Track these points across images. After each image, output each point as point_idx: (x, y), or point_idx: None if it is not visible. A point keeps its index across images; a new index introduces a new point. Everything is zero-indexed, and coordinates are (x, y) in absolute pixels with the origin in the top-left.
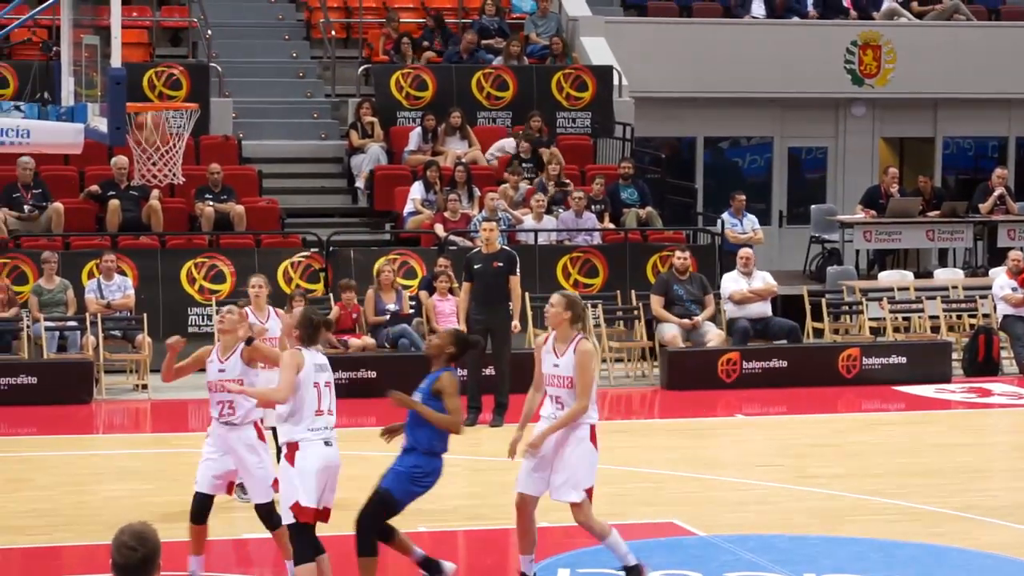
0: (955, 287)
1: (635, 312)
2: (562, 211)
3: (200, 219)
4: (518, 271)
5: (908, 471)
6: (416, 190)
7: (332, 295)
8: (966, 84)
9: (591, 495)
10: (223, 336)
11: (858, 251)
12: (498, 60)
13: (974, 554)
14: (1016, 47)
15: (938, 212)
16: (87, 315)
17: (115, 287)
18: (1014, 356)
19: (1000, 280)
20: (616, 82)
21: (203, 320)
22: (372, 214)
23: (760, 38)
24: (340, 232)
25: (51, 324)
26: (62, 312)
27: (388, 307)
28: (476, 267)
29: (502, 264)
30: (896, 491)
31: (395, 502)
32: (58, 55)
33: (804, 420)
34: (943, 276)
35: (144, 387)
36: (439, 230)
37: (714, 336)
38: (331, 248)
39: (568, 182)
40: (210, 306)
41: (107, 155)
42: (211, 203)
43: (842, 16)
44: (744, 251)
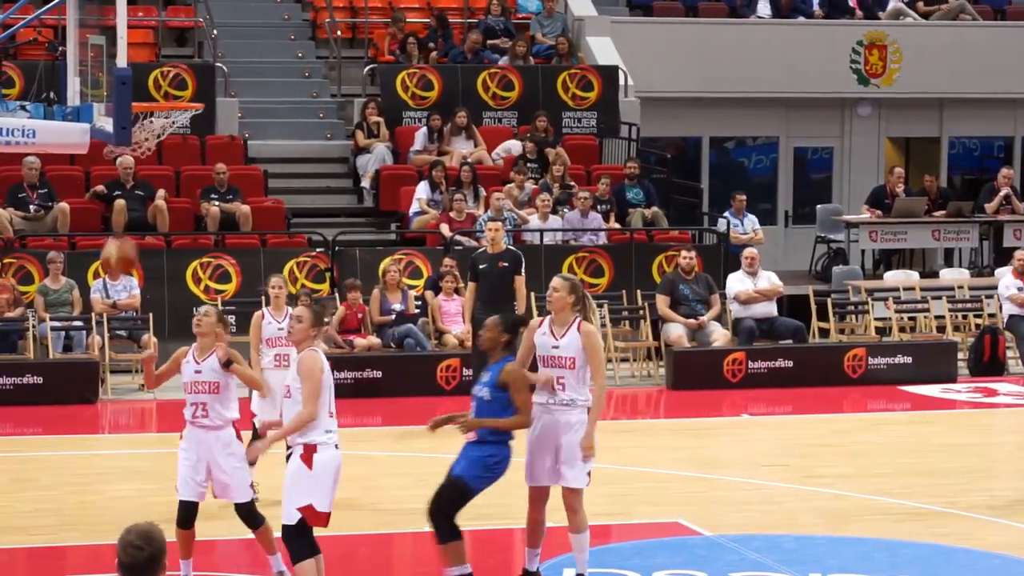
0: (961, 287)
1: (641, 312)
2: (567, 211)
3: (206, 219)
4: (523, 271)
5: (913, 471)
6: (422, 190)
7: (338, 295)
8: (972, 84)
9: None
10: (200, 338)
11: (864, 251)
12: (504, 60)
13: (979, 554)
14: (1022, 47)
15: (944, 212)
16: (93, 315)
17: (121, 287)
18: (1020, 356)
19: (1006, 280)
20: (622, 82)
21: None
22: (378, 214)
23: (766, 38)
24: (346, 232)
25: (57, 324)
26: (68, 312)
27: (394, 307)
28: (481, 267)
29: (507, 264)
30: (901, 491)
31: (468, 489)
32: (64, 55)
33: (809, 420)
34: (949, 276)
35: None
36: (445, 230)
37: (720, 336)
38: (337, 248)
39: (572, 184)
40: (215, 306)
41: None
42: (217, 203)
43: (848, 16)
44: (749, 251)
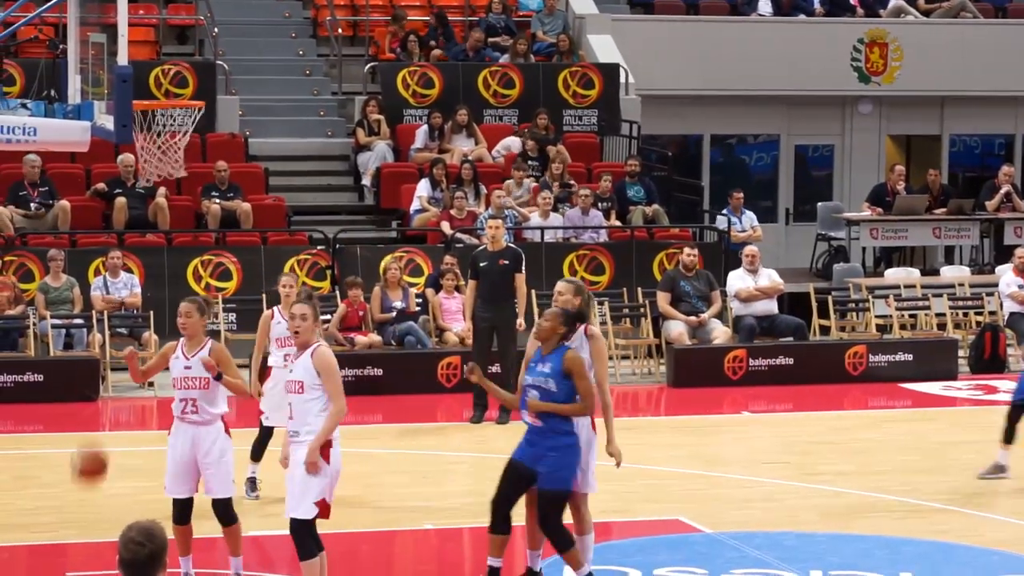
0: (961, 284)
1: (641, 309)
2: (568, 208)
3: (206, 217)
4: (524, 269)
5: (914, 468)
6: (422, 188)
7: (339, 292)
8: (973, 82)
9: None
10: (189, 339)
11: (864, 248)
12: (505, 58)
13: (980, 551)
14: (1023, 45)
15: (945, 210)
16: (93, 312)
17: (121, 284)
18: (1020, 353)
19: (1007, 277)
20: (623, 80)
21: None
22: (378, 212)
23: (767, 36)
24: (346, 230)
25: (58, 322)
26: (68, 310)
27: (394, 304)
28: (482, 265)
29: (508, 262)
30: (902, 488)
31: (560, 491)
32: (65, 53)
33: (810, 417)
34: (950, 273)
35: (151, 384)
36: (445, 228)
37: (720, 333)
38: (337, 245)
39: (572, 182)
40: (216, 303)
41: (114, 153)
42: (217, 201)
43: (849, 14)
44: (749, 249)
